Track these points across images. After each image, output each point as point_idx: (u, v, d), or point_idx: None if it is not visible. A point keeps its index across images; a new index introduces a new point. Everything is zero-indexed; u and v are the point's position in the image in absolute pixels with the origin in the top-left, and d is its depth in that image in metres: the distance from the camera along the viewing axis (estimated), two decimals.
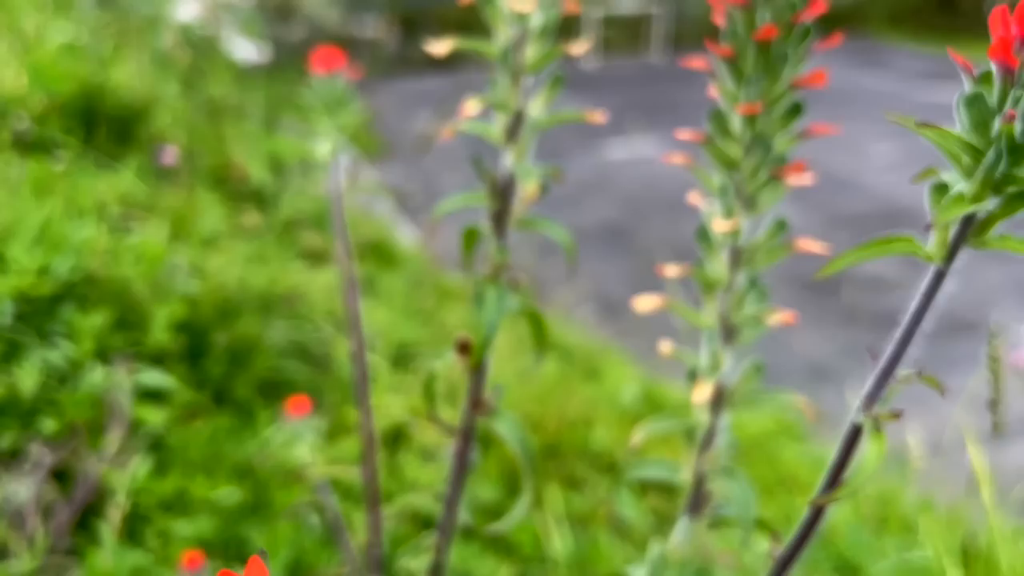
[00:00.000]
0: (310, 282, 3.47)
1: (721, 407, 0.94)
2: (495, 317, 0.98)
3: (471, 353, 1.02)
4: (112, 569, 1.84)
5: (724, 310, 0.91)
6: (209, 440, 2.48)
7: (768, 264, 0.88)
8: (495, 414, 1.06)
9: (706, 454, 0.96)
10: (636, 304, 0.93)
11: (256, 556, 0.52)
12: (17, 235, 2.84)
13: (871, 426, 0.68)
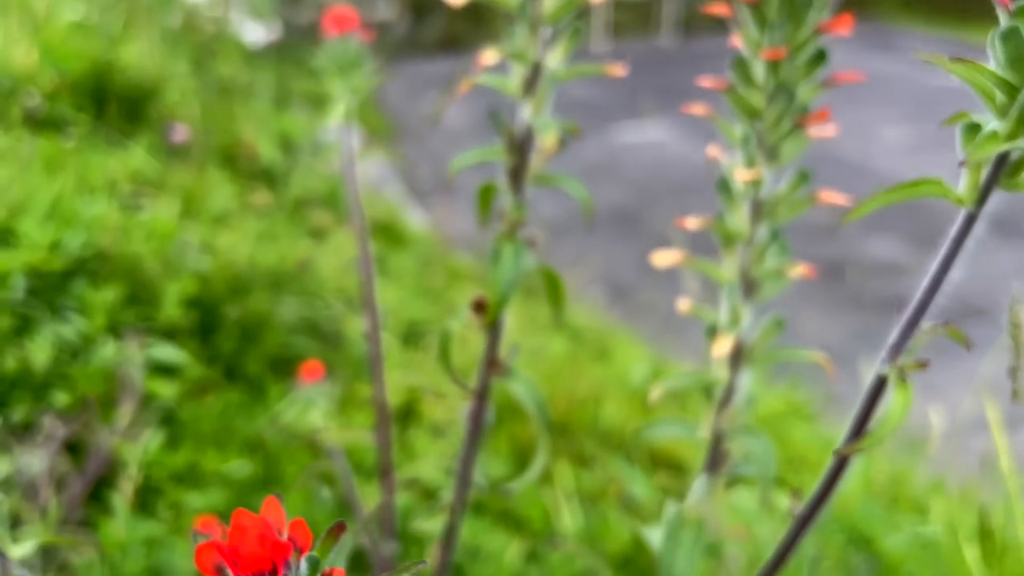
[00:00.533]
0: (320, 259, 3.47)
1: (740, 364, 0.93)
2: (512, 274, 0.97)
3: (486, 311, 1.01)
4: (125, 539, 1.85)
5: (744, 264, 0.90)
6: (220, 414, 2.49)
7: (790, 217, 0.87)
8: (510, 374, 1.06)
9: (724, 412, 0.95)
10: (654, 259, 0.92)
11: (272, 496, 0.52)
12: (28, 210, 2.85)
13: (896, 376, 0.68)
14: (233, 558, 0.47)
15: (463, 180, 4.74)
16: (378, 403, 1.35)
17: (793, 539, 0.82)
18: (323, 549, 0.52)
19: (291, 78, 5.64)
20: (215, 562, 0.48)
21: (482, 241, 5.57)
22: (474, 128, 8.32)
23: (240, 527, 0.47)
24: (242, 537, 0.47)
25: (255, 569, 0.47)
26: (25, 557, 1.97)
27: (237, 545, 0.47)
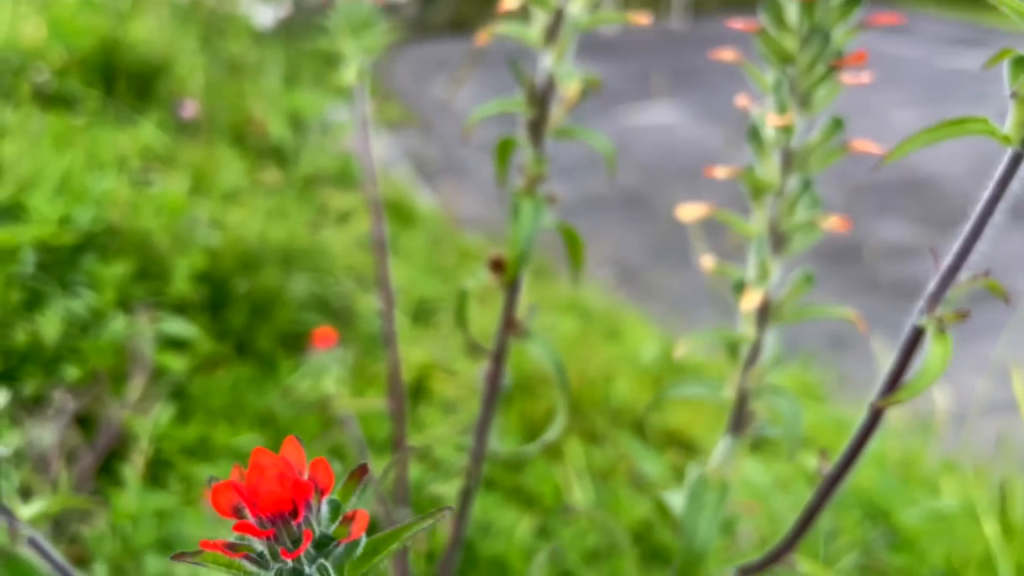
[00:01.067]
0: (330, 237, 3.45)
1: (767, 320, 0.91)
2: (531, 229, 0.95)
3: (505, 270, 0.99)
4: (137, 511, 1.84)
5: (774, 216, 0.87)
6: (231, 389, 2.48)
7: (822, 167, 0.85)
8: (528, 335, 1.04)
9: (751, 370, 0.93)
10: (680, 212, 0.90)
11: (292, 436, 0.50)
12: (38, 185, 2.83)
13: (935, 327, 0.66)
14: (252, 498, 0.45)
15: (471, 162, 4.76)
16: (391, 370, 1.34)
17: (822, 499, 0.81)
18: (344, 492, 0.50)
19: (301, 57, 5.61)
20: (233, 503, 0.47)
21: (491, 221, 5.56)
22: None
23: (259, 466, 0.46)
24: (261, 476, 0.45)
25: (275, 509, 0.45)
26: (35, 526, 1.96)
27: (256, 484, 0.45)
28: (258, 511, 0.45)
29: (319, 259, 3.24)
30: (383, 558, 0.50)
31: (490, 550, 2.31)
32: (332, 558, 0.47)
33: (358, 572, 0.50)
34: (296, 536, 0.46)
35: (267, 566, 0.47)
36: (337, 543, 0.47)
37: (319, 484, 0.47)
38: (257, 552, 0.47)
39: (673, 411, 3.42)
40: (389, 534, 0.51)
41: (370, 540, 0.50)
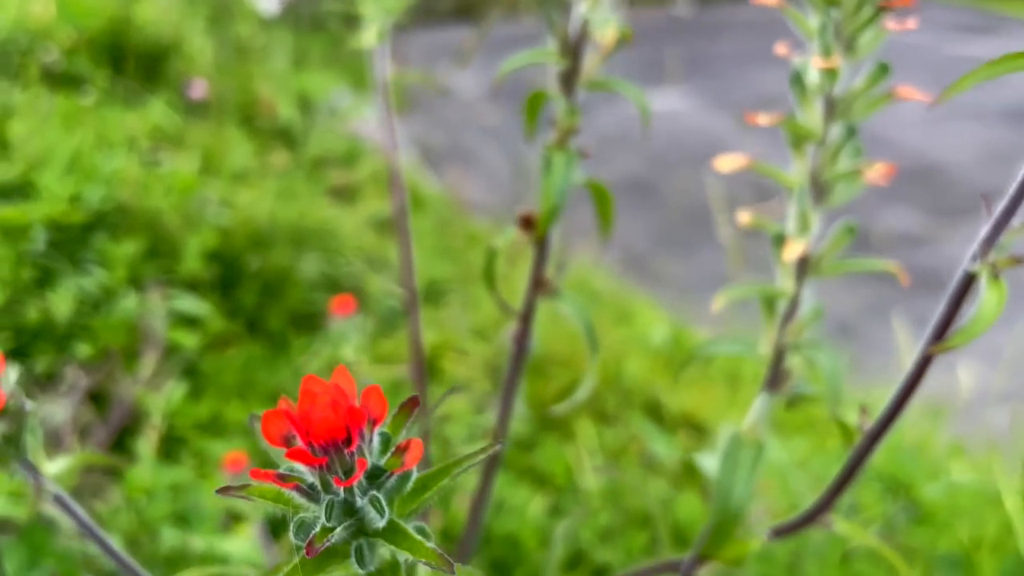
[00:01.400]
0: (339, 217, 3.44)
1: (806, 274, 0.89)
2: (563, 183, 0.93)
3: (535, 226, 0.98)
4: (151, 485, 1.83)
5: (815, 166, 0.86)
6: (243, 367, 2.47)
7: (866, 115, 0.83)
8: (557, 294, 1.03)
9: (788, 326, 0.91)
10: (718, 163, 0.88)
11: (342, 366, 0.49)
12: (48, 164, 2.82)
13: (989, 273, 0.64)
14: (304, 425, 0.44)
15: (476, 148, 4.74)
16: (413, 335, 1.33)
17: (861, 456, 0.79)
18: (394, 426, 0.49)
19: (309, 40, 5.59)
20: (283, 432, 0.45)
21: (497, 207, 5.54)
22: (487, 97, 8.26)
23: (310, 393, 0.44)
24: (313, 403, 0.44)
25: (328, 437, 0.44)
26: None
27: (309, 411, 0.44)
28: (311, 439, 0.44)
29: (329, 239, 3.22)
30: (433, 495, 0.49)
31: (503, 528, 2.31)
32: (384, 491, 0.46)
33: (407, 509, 0.49)
34: (348, 466, 0.45)
35: (317, 498, 0.46)
36: (389, 474, 0.46)
37: (371, 413, 0.45)
38: (307, 484, 0.46)
39: (684, 393, 3.41)
40: (439, 469, 0.50)
41: (420, 476, 0.49)
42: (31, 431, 0.82)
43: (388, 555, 0.50)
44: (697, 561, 0.92)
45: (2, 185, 2.72)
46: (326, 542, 0.44)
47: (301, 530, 0.46)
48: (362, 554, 0.47)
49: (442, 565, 0.44)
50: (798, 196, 0.86)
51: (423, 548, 0.46)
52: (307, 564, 0.46)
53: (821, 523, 0.86)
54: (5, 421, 0.79)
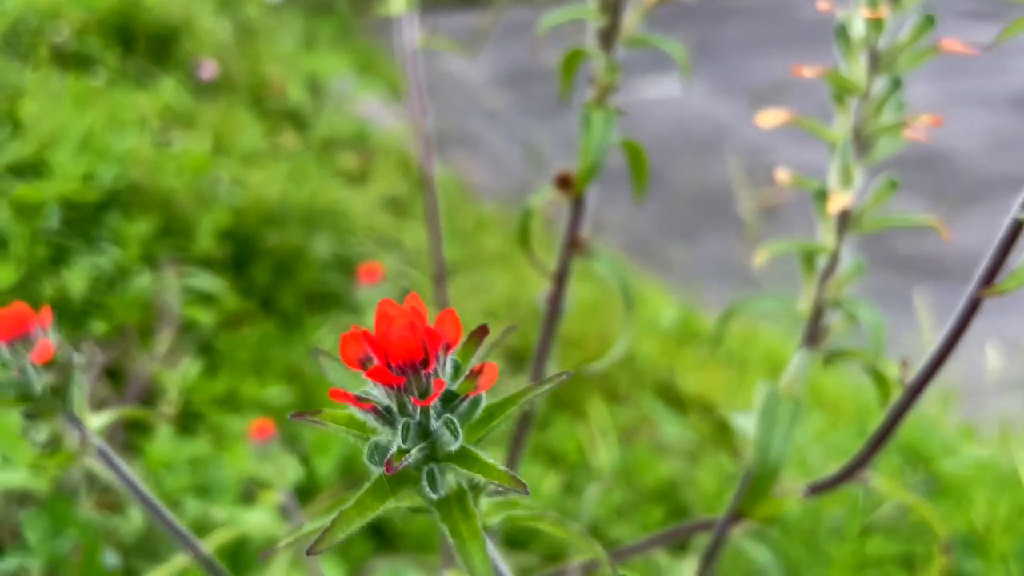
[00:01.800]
0: (350, 199, 3.44)
1: (847, 229, 0.89)
2: (602, 141, 0.94)
3: (571, 185, 0.98)
4: (170, 458, 1.84)
5: (859, 120, 0.86)
6: (257, 344, 2.48)
7: (911, 68, 0.84)
8: (592, 254, 1.03)
9: (828, 282, 0.92)
10: (760, 119, 0.88)
11: (415, 293, 0.49)
12: (60, 143, 2.82)
13: None
14: (383, 347, 0.44)
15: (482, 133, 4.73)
16: (440, 307, 1.33)
17: (902, 410, 0.80)
18: (463, 354, 0.50)
19: (318, 22, 5.59)
20: (361, 354, 0.46)
21: (504, 191, 5.54)
22: (492, 83, 8.24)
23: (387, 316, 0.45)
24: (390, 325, 0.44)
25: (406, 358, 0.44)
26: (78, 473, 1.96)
27: (386, 333, 0.44)
28: (390, 360, 0.44)
29: (340, 219, 3.23)
30: (500, 423, 0.50)
31: None
32: (457, 415, 0.47)
33: (475, 437, 0.50)
34: (424, 388, 0.45)
35: (392, 421, 0.46)
36: (463, 398, 0.47)
37: (446, 336, 0.46)
38: (383, 407, 0.46)
39: (693, 375, 3.42)
40: (506, 399, 0.50)
41: (487, 406, 0.50)
42: (77, 384, 0.83)
43: (454, 484, 0.51)
44: (731, 520, 0.93)
45: (16, 163, 2.72)
46: (403, 462, 0.44)
47: (376, 453, 0.46)
48: (434, 478, 0.47)
49: (515, 486, 0.45)
50: (841, 150, 0.86)
51: (495, 470, 0.46)
52: (380, 488, 0.47)
53: (858, 479, 0.87)
54: (53, 372, 0.79)
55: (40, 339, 0.79)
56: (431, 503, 0.50)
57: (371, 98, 5.30)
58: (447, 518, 0.49)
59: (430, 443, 0.47)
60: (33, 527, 1.56)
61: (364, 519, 0.46)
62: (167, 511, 0.90)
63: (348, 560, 1.80)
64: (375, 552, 1.91)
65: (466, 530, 0.48)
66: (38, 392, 0.78)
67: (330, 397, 0.44)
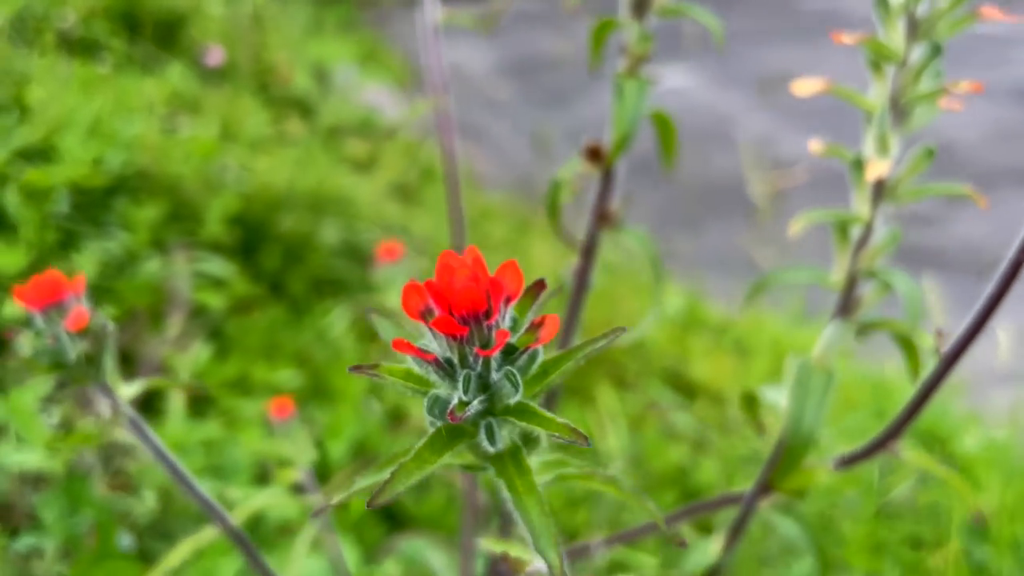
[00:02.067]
0: (357, 186, 3.44)
1: (882, 199, 0.89)
2: (636, 111, 0.93)
3: (601, 157, 0.98)
4: (183, 440, 1.84)
5: (896, 88, 0.85)
6: (267, 329, 2.48)
7: (950, 35, 0.83)
8: (621, 227, 1.03)
9: (862, 252, 0.91)
10: (795, 87, 0.88)
11: (473, 246, 0.49)
12: (69, 128, 2.82)
13: None
14: (447, 297, 0.44)
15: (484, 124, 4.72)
16: None
17: (937, 380, 0.80)
18: (520, 308, 0.49)
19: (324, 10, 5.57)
20: (422, 306, 0.46)
21: (507, 181, 5.53)
22: (496, 73, 8.23)
23: (448, 267, 0.45)
24: (452, 276, 0.44)
25: (469, 308, 0.44)
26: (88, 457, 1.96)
27: (449, 283, 0.44)
28: (454, 310, 0.44)
29: (347, 206, 3.22)
30: (556, 378, 0.49)
31: None
32: (517, 368, 0.47)
33: (531, 392, 0.49)
34: (486, 339, 0.45)
35: (454, 373, 0.46)
36: (523, 351, 0.47)
37: (507, 288, 0.46)
38: (444, 359, 0.46)
39: (700, 363, 3.43)
40: (561, 355, 0.50)
41: (543, 361, 0.50)
42: (109, 352, 0.83)
43: (508, 440, 0.51)
44: (759, 493, 0.93)
45: (24, 148, 2.71)
46: (466, 413, 0.44)
47: (436, 406, 0.46)
48: (492, 431, 0.47)
49: (576, 438, 0.45)
50: (878, 119, 0.86)
51: (555, 422, 0.46)
52: (438, 441, 0.47)
53: (889, 451, 0.87)
54: (87, 340, 0.79)
55: (74, 307, 0.79)
56: (485, 458, 0.50)
57: (376, 87, 5.29)
58: (502, 473, 0.49)
59: (489, 396, 0.47)
60: (49, 506, 1.56)
61: (423, 472, 0.46)
62: (196, 483, 0.90)
63: (363, 542, 1.80)
64: (388, 534, 1.91)
65: (522, 485, 0.48)
66: (72, 360, 0.78)
67: (394, 348, 0.44)
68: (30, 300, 0.77)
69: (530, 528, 0.47)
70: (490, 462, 0.50)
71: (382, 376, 0.47)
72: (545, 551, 0.46)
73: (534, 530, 0.46)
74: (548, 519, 0.47)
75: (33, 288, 0.77)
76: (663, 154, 1.03)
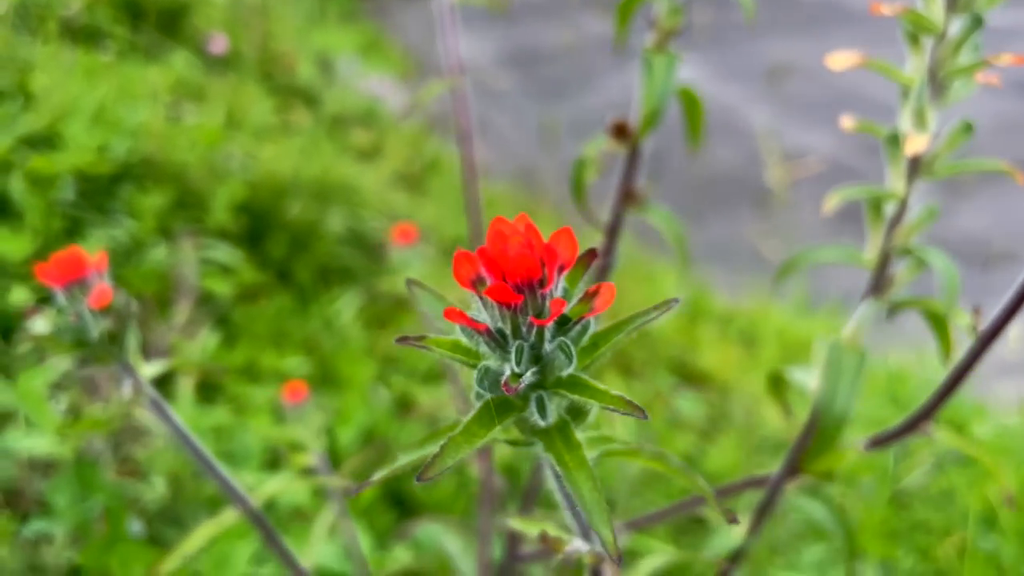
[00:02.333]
0: (362, 175, 3.42)
1: (918, 175, 0.87)
2: (665, 86, 0.92)
3: (628, 134, 0.96)
4: (193, 426, 1.83)
5: (934, 61, 0.84)
6: (274, 317, 2.47)
7: (991, 6, 0.81)
8: (647, 206, 1.01)
9: (896, 229, 0.90)
10: (830, 61, 0.86)
11: (524, 213, 0.48)
12: (73, 116, 2.80)
13: None
14: (501, 264, 0.43)
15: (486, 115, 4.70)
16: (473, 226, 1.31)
17: (973, 359, 0.79)
18: (571, 278, 0.48)
19: None
20: (473, 274, 0.45)
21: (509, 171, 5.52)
22: (496, 65, 8.20)
23: (500, 234, 0.44)
24: (505, 243, 0.43)
25: (524, 276, 0.43)
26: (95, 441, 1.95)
27: (502, 251, 0.43)
28: (508, 278, 0.43)
29: (352, 195, 3.21)
30: (606, 350, 0.48)
31: None
32: (570, 338, 0.46)
33: (582, 364, 0.48)
34: (540, 308, 0.44)
35: (505, 344, 0.45)
36: (576, 321, 0.46)
37: (562, 257, 0.44)
38: (496, 329, 0.45)
39: (705, 352, 3.42)
40: (611, 327, 0.49)
41: (593, 334, 0.49)
42: (132, 331, 0.81)
43: (555, 416, 0.50)
44: (786, 475, 0.92)
45: (29, 136, 2.70)
46: (520, 385, 0.43)
47: (486, 378, 0.45)
48: (543, 404, 0.46)
49: (633, 411, 0.44)
50: (916, 92, 0.84)
51: (609, 395, 0.45)
52: (487, 415, 0.46)
53: (922, 431, 0.86)
54: (110, 318, 0.78)
55: (97, 284, 0.78)
56: (533, 433, 0.49)
57: (378, 77, 5.27)
58: (551, 448, 0.48)
59: (541, 368, 0.46)
60: (59, 492, 1.55)
61: (472, 446, 0.45)
62: (217, 463, 0.89)
63: (373, 528, 1.79)
64: (398, 520, 1.91)
65: (572, 460, 0.47)
66: (94, 338, 0.77)
67: (445, 317, 0.43)
68: (52, 277, 0.76)
69: (583, 504, 0.45)
70: (538, 437, 0.49)
71: (429, 348, 0.46)
72: (599, 528, 0.45)
73: (587, 506, 0.45)
74: (600, 495, 0.45)
75: (55, 265, 0.76)
76: (690, 133, 1.01)
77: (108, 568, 1.51)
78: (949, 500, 1.79)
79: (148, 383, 0.85)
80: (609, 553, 0.44)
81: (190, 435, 0.89)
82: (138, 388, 0.84)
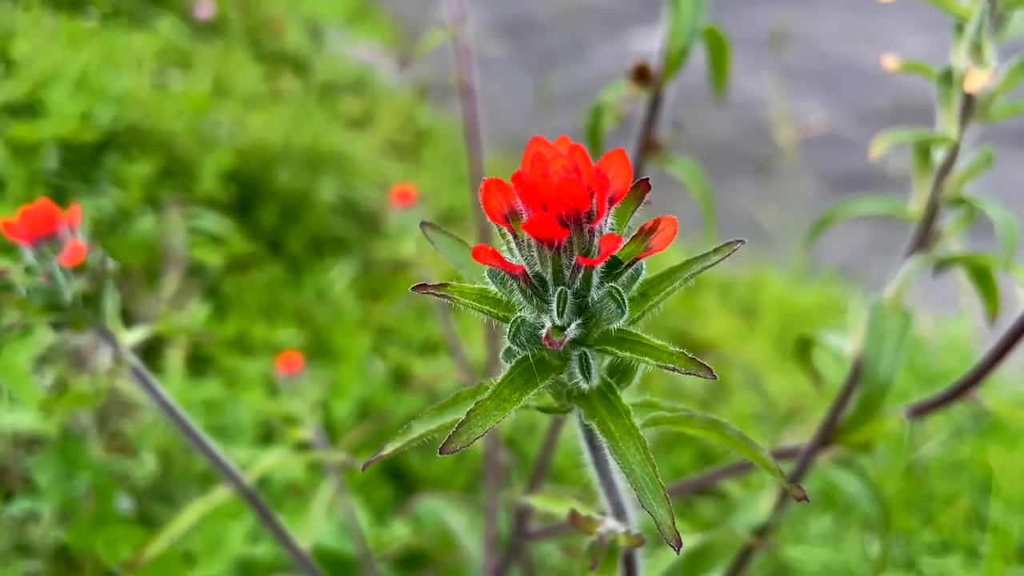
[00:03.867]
0: (353, 143, 3.34)
1: (972, 117, 0.80)
2: (694, 23, 0.84)
3: (651, 78, 0.89)
4: (184, 400, 1.76)
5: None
6: (266, 288, 2.40)
7: None
8: (669, 157, 0.94)
9: (947, 178, 0.83)
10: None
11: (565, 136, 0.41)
12: (55, 83, 2.71)
13: None
14: (542, 193, 0.35)
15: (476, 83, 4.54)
16: (480, 230, 1.25)
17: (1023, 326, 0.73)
18: (620, 214, 0.41)
19: None
20: (506, 208, 0.37)
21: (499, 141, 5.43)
22: (487, 34, 8.08)
23: (541, 158, 0.36)
24: (547, 169, 0.35)
25: (570, 207, 0.35)
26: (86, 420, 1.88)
27: (543, 178, 0.35)
28: (550, 210, 0.35)
29: (344, 164, 3.13)
30: (657, 302, 0.41)
31: (534, 450, 2.26)
32: (620, 285, 0.39)
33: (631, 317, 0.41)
34: (587, 248, 0.37)
35: (544, 291, 0.38)
36: (627, 265, 0.38)
37: (614, 185, 0.37)
38: (533, 273, 0.38)
39: (705, 322, 3.37)
40: (664, 273, 0.42)
41: (641, 284, 0.41)
42: (111, 295, 0.74)
43: (597, 379, 0.43)
44: (818, 446, 0.86)
45: (10, 103, 2.61)
46: (564, 338, 0.36)
47: (522, 332, 0.38)
48: (586, 364, 0.39)
49: (698, 370, 0.37)
50: (974, 25, 0.77)
51: (666, 352, 0.38)
52: (521, 375, 0.39)
53: (970, 398, 0.80)
54: (85, 279, 0.71)
55: (69, 240, 0.70)
56: (570, 398, 0.42)
57: (367, 45, 5.16)
58: (592, 414, 0.41)
59: (586, 320, 0.38)
60: (45, 469, 1.48)
61: (503, 413, 0.38)
62: (206, 437, 0.82)
63: (370, 503, 1.73)
64: (396, 495, 1.85)
65: (617, 429, 0.40)
66: (68, 301, 0.70)
67: (474, 258, 0.35)
68: (19, 233, 0.68)
69: (633, 480, 0.39)
70: (576, 402, 0.42)
71: (452, 297, 0.39)
72: (654, 507, 0.38)
73: (638, 482, 0.38)
74: (654, 468, 0.39)
75: (23, 219, 0.68)
76: (714, 77, 0.94)
77: (96, 548, 1.45)
78: (963, 470, 1.74)
79: (130, 351, 0.78)
80: (667, 536, 0.37)
81: (176, 407, 0.81)
82: (118, 356, 0.76)
